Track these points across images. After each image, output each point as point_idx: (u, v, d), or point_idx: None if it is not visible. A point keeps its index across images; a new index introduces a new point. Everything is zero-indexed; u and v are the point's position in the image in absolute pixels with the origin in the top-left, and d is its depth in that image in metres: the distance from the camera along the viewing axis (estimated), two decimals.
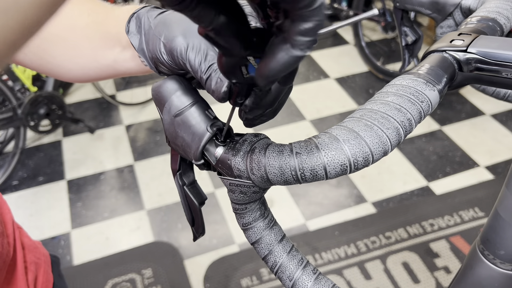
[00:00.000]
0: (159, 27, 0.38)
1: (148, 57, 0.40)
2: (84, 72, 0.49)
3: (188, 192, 0.42)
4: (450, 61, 0.37)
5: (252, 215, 0.38)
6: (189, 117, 0.37)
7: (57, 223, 2.05)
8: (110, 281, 1.79)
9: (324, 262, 1.83)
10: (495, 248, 0.44)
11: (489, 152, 2.35)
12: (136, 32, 0.41)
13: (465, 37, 0.38)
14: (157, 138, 2.52)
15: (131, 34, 0.41)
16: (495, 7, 0.44)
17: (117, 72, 0.48)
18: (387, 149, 0.30)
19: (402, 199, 2.11)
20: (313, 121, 2.59)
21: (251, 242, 0.39)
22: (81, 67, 0.48)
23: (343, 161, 0.30)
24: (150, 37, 0.39)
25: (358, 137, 0.30)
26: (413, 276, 1.77)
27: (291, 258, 0.37)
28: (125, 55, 0.45)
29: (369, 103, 0.33)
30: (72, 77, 0.50)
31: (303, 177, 0.31)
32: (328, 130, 0.32)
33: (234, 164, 0.34)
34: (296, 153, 0.31)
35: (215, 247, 1.91)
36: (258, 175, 0.33)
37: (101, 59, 0.47)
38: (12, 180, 2.26)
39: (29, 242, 0.66)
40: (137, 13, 0.42)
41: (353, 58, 3.13)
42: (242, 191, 0.35)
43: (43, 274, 0.65)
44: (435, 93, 0.33)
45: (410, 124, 0.31)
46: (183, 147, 0.38)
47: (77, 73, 0.49)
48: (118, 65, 0.47)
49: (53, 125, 2.36)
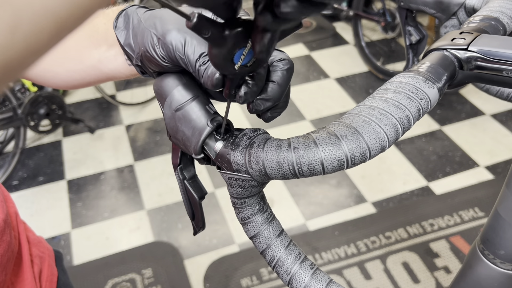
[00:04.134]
0: (150, 20, 0.38)
1: (136, 52, 0.40)
2: (70, 75, 0.49)
3: (189, 186, 0.43)
4: (450, 59, 0.37)
5: (251, 210, 0.38)
6: (189, 112, 0.37)
7: (57, 223, 2.05)
8: (110, 281, 1.79)
9: (324, 262, 1.83)
10: (495, 248, 0.44)
11: (489, 152, 2.35)
12: (123, 28, 0.41)
13: (467, 35, 0.38)
14: (157, 138, 2.52)
15: (118, 29, 0.41)
16: (498, 6, 0.44)
17: (100, 74, 0.48)
18: (385, 145, 0.30)
19: (402, 199, 2.11)
20: (313, 121, 2.59)
21: (250, 236, 0.39)
22: (67, 70, 0.49)
23: (340, 156, 0.30)
24: (139, 30, 0.39)
25: (356, 132, 0.30)
26: (413, 276, 1.77)
27: (289, 252, 0.37)
28: (110, 54, 0.45)
29: (368, 99, 0.33)
30: (58, 82, 0.50)
31: (300, 172, 0.31)
32: (327, 125, 0.32)
33: (233, 158, 0.35)
34: (294, 148, 0.31)
35: (215, 247, 1.91)
36: (256, 169, 0.33)
37: (86, 59, 0.47)
38: (12, 180, 2.26)
39: (33, 237, 0.67)
40: (126, 10, 0.42)
41: (353, 58, 3.13)
42: (241, 185, 0.36)
43: (48, 267, 0.66)
44: (435, 90, 0.33)
45: (408, 121, 0.31)
46: (184, 141, 0.38)
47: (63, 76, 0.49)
48: (102, 65, 0.47)
49: (53, 125, 2.36)
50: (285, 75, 0.35)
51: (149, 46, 0.37)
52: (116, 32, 0.41)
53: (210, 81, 0.34)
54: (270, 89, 0.35)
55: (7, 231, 0.54)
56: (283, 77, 0.35)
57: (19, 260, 0.60)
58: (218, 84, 0.34)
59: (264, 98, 0.35)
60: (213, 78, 0.34)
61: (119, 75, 0.47)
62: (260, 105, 0.35)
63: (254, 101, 0.35)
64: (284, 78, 0.35)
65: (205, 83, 0.35)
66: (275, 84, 0.35)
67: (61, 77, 0.50)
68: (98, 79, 0.49)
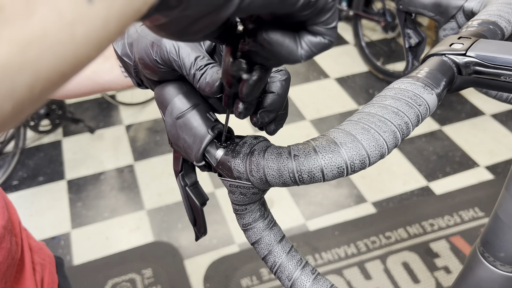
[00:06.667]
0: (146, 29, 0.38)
1: (133, 60, 0.40)
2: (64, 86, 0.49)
3: (190, 193, 0.43)
4: (449, 65, 0.37)
5: (252, 216, 0.38)
6: (190, 119, 0.38)
7: (57, 223, 2.05)
8: (110, 281, 1.79)
9: (324, 262, 1.83)
10: (495, 250, 0.44)
11: (489, 152, 2.36)
12: (120, 39, 0.41)
13: (465, 40, 0.38)
14: (157, 138, 2.52)
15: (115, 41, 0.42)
16: (496, 10, 0.45)
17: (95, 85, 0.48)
18: (384, 152, 0.31)
19: (402, 199, 2.11)
20: (313, 121, 2.59)
21: (251, 242, 0.39)
22: None
23: (340, 164, 0.30)
24: (134, 39, 0.39)
25: (355, 140, 0.30)
26: (413, 276, 1.78)
27: (290, 258, 0.37)
28: (105, 66, 0.46)
29: (367, 106, 0.33)
30: None
31: (300, 179, 0.32)
32: (326, 133, 0.33)
33: (234, 166, 0.35)
34: (294, 156, 0.32)
35: (215, 247, 1.91)
36: (257, 176, 0.34)
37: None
38: (12, 180, 2.26)
39: (34, 244, 0.67)
40: None
41: (353, 58, 3.13)
42: (242, 192, 0.36)
43: (49, 275, 0.66)
44: (433, 96, 0.34)
45: (407, 128, 0.32)
46: (185, 148, 0.39)
47: None
48: (98, 76, 0.47)
49: (53, 125, 2.36)
50: (284, 85, 0.36)
51: (144, 51, 0.37)
52: (113, 44, 0.42)
53: (209, 87, 0.35)
54: (271, 100, 0.35)
55: (7, 238, 0.54)
56: (282, 87, 0.35)
57: (21, 267, 0.60)
58: (217, 91, 0.35)
59: (267, 109, 0.35)
60: (213, 86, 0.34)
61: (115, 87, 0.48)
62: (265, 117, 0.36)
63: (258, 114, 0.35)
64: (283, 88, 0.36)
65: (201, 89, 0.36)
66: (276, 95, 0.35)
67: None
68: (93, 89, 0.49)
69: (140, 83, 0.43)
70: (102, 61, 0.46)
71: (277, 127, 0.38)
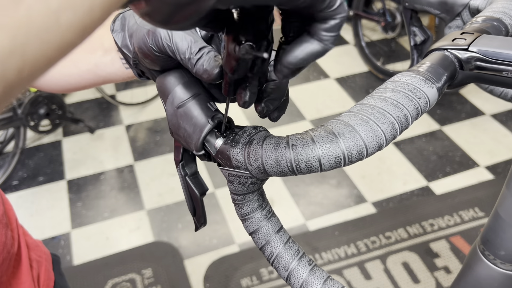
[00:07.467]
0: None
1: (132, 51, 0.41)
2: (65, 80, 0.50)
3: (190, 183, 0.43)
4: (451, 60, 0.37)
5: (250, 206, 0.39)
6: (191, 109, 0.38)
7: (57, 223, 2.05)
8: (110, 281, 1.79)
9: (324, 262, 1.83)
10: (495, 249, 0.44)
11: (489, 152, 2.36)
12: (120, 30, 0.42)
13: (467, 36, 0.38)
14: (157, 138, 2.52)
15: (115, 32, 0.42)
16: (501, 7, 0.45)
17: (97, 78, 0.49)
18: (382, 144, 0.31)
19: (402, 199, 2.11)
20: (313, 121, 2.59)
21: (249, 232, 0.40)
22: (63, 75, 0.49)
23: (337, 154, 0.31)
24: (134, 30, 0.40)
25: (353, 130, 0.31)
26: (413, 276, 1.77)
27: (288, 249, 0.38)
28: (106, 59, 0.46)
29: (367, 98, 0.34)
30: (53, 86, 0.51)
31: (298, 169, 0.32)
32: (325, 123, 0.33)
33: (233, 155, 0.35)
34: (292, 145, 0.32)
35: (215, 247, 1.91)
36: (255, 166, 0.34)
37: (82, 64, 0.48)
38: (12, 180, 2.26)
39: (31, 241, 0.67)
40: (123, 13, 0.43)
41: (353, 58, 3.13)
42: (240, 182, 0.36)
43: (45, 272, 0.66)
44: (434, 90, 0.34)
45: (406, 120, 0.32)
46: (185, 138, 0.39)
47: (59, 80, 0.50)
48: (99, 69, 0.47)
49: (53, 125, 2.36)
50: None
51: (141, 40, 0.38)
52: (114, 35, 0.42)
53: (208, 74, 0.35)
54: (274, 88, 0.36)
55: (2, 231, 0.54)
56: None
57: (18, 263, 0.60)
58: (216, 78, 0.35)
59: (272, 97, 0.36)
60: (212, 73, 0.35)
61: (116, 79, 0.48)
62: (269, 105, 0.37)
63: (263, 102, 0.36)
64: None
65: (198, 74, 0.36)
66: (278, 83, 0.36)
67: (56, 81, 0.50)
68: (95, 82, 0.50)
69: (141, 74, 0.44)
70: (102, 54, 0.46)
71: (280, 114, 0.39)
